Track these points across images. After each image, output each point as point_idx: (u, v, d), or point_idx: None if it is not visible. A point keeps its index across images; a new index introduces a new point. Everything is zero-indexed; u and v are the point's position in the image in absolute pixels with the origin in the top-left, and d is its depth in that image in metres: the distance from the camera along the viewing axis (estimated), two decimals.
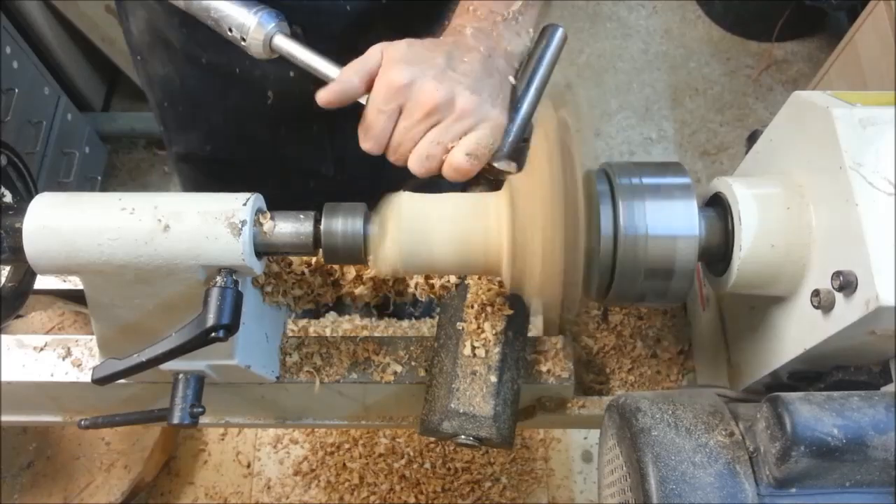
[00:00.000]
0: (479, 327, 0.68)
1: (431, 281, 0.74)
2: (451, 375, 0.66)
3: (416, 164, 0.64)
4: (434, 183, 0.67)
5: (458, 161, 0.62)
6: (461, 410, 0.64)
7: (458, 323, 0.69)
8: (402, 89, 0.62)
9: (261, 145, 0.99)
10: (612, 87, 2.37)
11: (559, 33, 0.71)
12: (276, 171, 1.00)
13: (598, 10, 2.53)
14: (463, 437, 0.65)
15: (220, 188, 0.60)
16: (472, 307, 0.69)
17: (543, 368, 0.74)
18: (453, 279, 0.72)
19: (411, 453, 1.54)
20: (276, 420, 0.85)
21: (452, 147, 0.63)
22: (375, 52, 0.65)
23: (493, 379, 0.65)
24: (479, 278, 0.70)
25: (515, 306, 0.69)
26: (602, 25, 2.50)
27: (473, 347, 0.67)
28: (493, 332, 0.67)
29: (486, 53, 0.66)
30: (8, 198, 0.66)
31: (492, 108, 0.65)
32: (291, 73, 0.75)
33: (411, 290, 0.74)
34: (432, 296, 0.73)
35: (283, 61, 0.70)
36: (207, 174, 1.07)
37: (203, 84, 0.92)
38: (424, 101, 0.62)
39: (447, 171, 0.64)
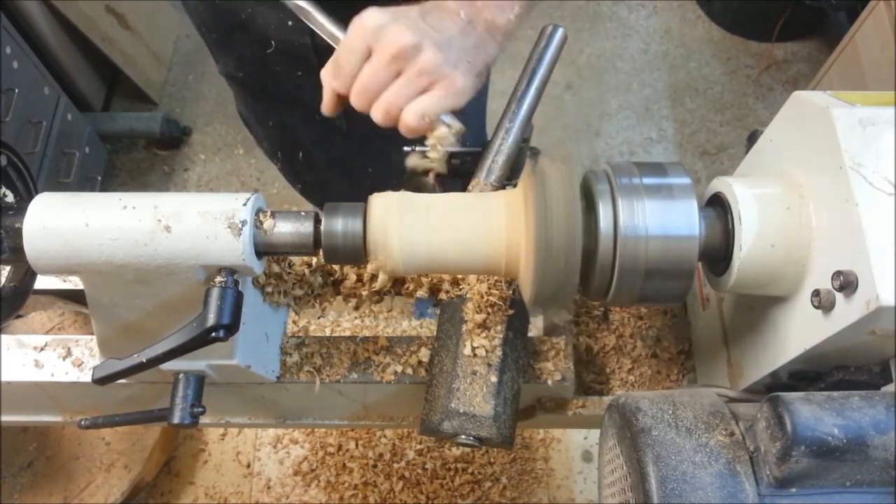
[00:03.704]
0: (479, 327, 0.68)
1: (434, 282, 0.74)
2: (451, 375, 0.66)
3: (379, 115, 0.65)
4: (434, 183, 0.67)
5: (409, 119, 0.64)
6: (461, 410, 0.64)
7: (458, 323, 0.69)
8: (374, 30, 0.64)
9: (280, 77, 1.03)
10: (612, 86, 2.37)
11: (559, 33, 0.71)
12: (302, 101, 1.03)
13: (598, 10, 2.53)
14: (463, 437, 0.65)
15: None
16: (473, 307, 0.69)
17: (543, 368, 0.74)
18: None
19: (411, 454, 1.54)
20: (276, 420, 0.85)
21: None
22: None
23: (494, 379, 0.65)
24: (479, 278, 0.70)
25: (516, 306, 0.69)
26: (602, 25, 2.50)
27: (473, 347, 0.67)
28: (494, 331, 0.67)
29: (465, 19, 0.67)
30: (9, 198, 0.66)
31: (454, 69, 0.65)
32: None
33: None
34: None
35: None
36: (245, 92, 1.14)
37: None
38: (393, 41, 0.63)
39: (400, 127, 0.65)
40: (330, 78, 0.68)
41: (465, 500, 1.49)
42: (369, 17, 0.65)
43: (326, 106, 0.70)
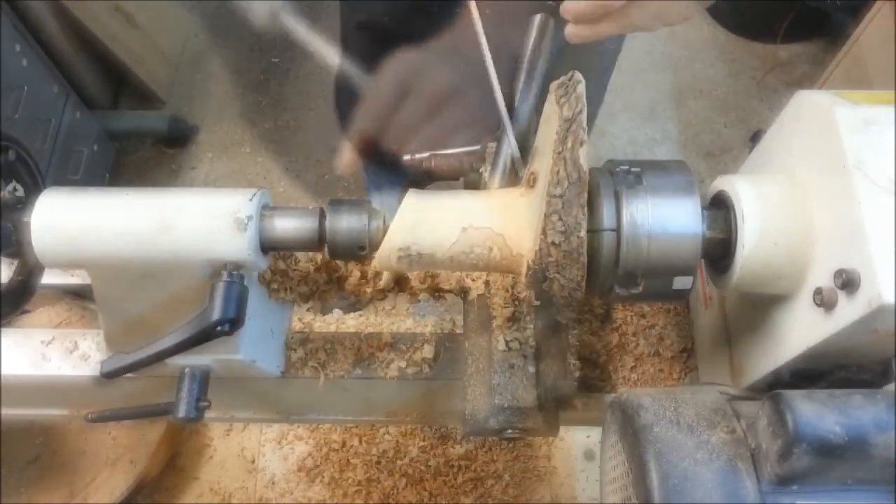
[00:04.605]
0: (509, 321, 0.68)
1: (447, 287, 0.74)
2: (488, 373, 0.66)
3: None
4: (436, 182, 0.67)
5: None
6: (505, 405, 0.64)
7: (486, 320, 0.69)
8: (411, 71, 0.65)
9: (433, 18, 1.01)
10: (616, 87, 2.37)
11: (551, 23, 0.70)
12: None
13: None
14: (510, 430, 0.65)
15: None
16: (500, 302, 0.69)
17: (545, 367, 0.74)
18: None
19: (414, 451, 1.54)
20: (280, 415, 0.86)
21: None
22: None
23: (531, 369, 0.65)
24: (502, 274, 0.70)
25: (541, 296, 0.69)
26: None
27: (507, 341, 0.67)
28: (524, 322, 0.67)
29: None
30: (18, 192, 0.67)
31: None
32: None
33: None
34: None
35: None
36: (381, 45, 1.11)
37: None
38: (434, 82, 0.64)
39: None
40: (361, 118, 0.67)
41: (468, 497, 1.50)
42: (404, 58, 0.65)
43: (345, 158, 0.69)
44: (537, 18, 0.69)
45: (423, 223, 0.57)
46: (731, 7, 2.40)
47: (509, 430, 0.65)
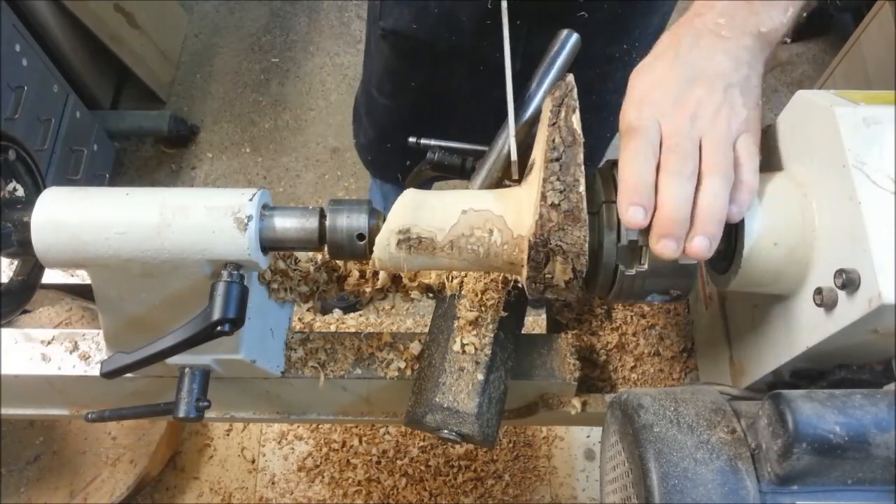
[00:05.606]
0: (470, 324, 0.68)
1: (427, 281, 0.74)
2: (438, 370, 0.66)
3: None
4: (436, 180, 0.67)
5: None
6: (445, 405, 0.64)
7: (450, 319, 0.69)
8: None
9: (462, 33, 0.98)
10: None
11: (573, 39, 0.70)
12: (470, 59, 1.00)
13: None
14: (446, 431, 0.65)
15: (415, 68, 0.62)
16: (466, 304, 0.69)
17: (547, 366, 0.74)
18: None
19: (415, 451, 1.54)
20: (280, 415, 0.86)
21: None
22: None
23: (480, 377, 0.65)
24: (476, 277, 0.70)
25: (510, 309, 0.69)
26: None
27: (463, 344, 0.67)
28: (485, 330, 0.67)
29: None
30: (19, 192, 0.67)
31: None
32: None
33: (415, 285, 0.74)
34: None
35: None
36: (406, 53, 1.07)
37: None
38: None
39: None
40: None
41: (468, 497, 1.50)
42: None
43: None
44: (564, 33, 0.70)
45: (424, 206, 0.57)
46: None
47: (445, 431, 0.65)
